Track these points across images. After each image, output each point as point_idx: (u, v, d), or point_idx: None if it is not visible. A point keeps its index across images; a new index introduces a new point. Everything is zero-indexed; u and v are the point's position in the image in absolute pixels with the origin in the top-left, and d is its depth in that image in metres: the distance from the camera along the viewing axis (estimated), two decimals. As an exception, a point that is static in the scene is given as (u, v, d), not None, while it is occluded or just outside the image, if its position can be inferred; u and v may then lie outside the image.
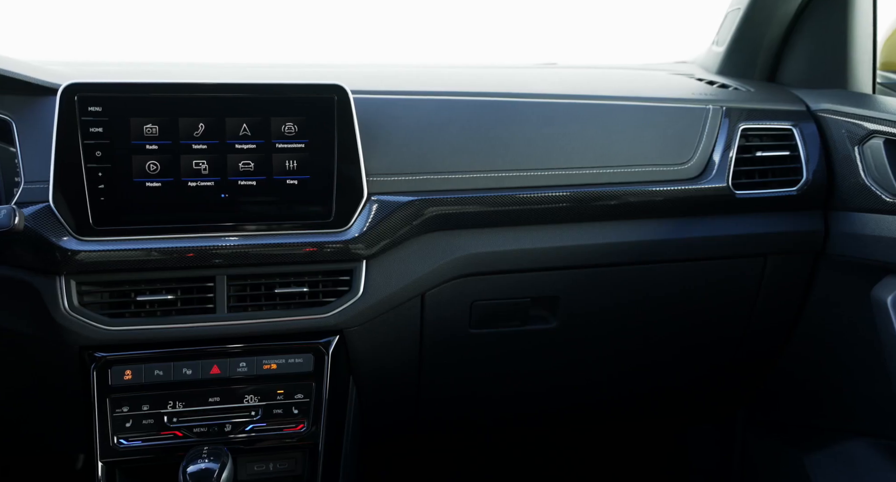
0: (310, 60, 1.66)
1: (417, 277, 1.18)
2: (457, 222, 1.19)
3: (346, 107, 1.11)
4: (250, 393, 1.12)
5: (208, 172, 1.08)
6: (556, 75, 1.56)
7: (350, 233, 1.11)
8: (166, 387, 1.09)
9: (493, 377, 1.41)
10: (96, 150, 1.04)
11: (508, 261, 1.24)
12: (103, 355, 1.08)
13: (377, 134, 1.17)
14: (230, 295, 1.10)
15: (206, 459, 1.03)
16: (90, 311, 1.05)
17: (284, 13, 1.94)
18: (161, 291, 1.08)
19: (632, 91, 1.38)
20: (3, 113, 1.08)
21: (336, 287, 1.14)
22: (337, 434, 1.18)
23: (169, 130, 1.07)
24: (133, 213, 1.06)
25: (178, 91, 1.07)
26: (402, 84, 1.31)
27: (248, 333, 1.12)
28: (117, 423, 1.08)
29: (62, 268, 1.03)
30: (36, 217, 1.02)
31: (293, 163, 1.11)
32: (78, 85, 1.04)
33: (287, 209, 1.10)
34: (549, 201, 1.22)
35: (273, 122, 1.10)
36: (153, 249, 1.05)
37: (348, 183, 1.11)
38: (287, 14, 1.93)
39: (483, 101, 1.26)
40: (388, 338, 1.22)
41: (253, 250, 1.08)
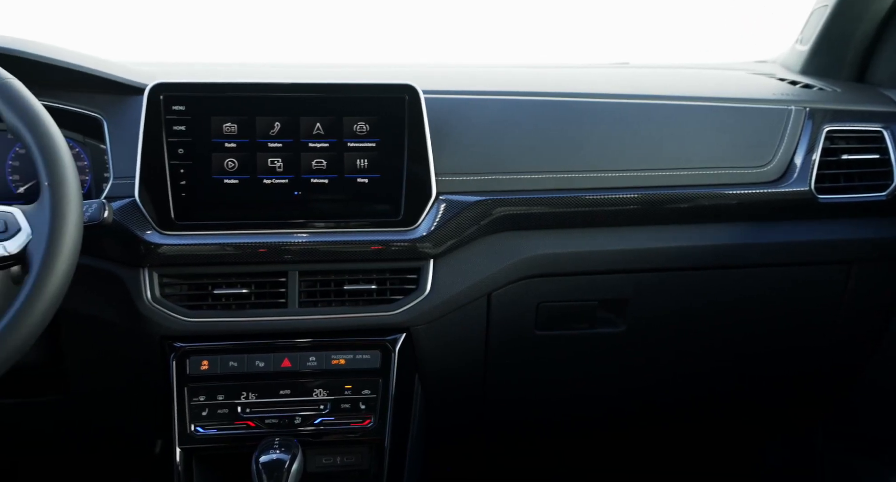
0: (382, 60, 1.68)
1: (484, 277, 1.18)
2: (525, 223, 1.19)
3: (417, 106, 1.12)
4: (319, 387, 1.14)
5: (283, 170, 1.11)
6: (628, 75, 1.53)
7: (418, 231, 1.12)
8: (240, 378, 1.13)
9: (559, 379, 1.40)
10: (179, 147, 1.09)
11: (576, 262, 1.22)
12: (182, 345, 1.12)
13: (447, 133, 1.18)
14: (301, 290, 1.13)
15: (277, 450, 1.05)
16: (171, 303, 1.10)
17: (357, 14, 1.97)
18: (236, 285, 1.11)
19: (708, 91, 1.34)
20: (95, 111, 1.13)
21: (403, 285, 1.15)
22: (403, 431, 1.20)
23: (247, 129, 1.10)
24: (211, 209, 1.10)
25: (256, 91, 1.10)
26: (473, 84, 1.32)
27: (318, 328, 1.14)
28: (194, 412, 1.12)
29: (146, 260, 1.08)
30: (123, 211, 1.06)
31: (364, 161, 1.12)
32: (163, 85, 1.08)
33: (357, 207, 1.12)
34: (619, 203, 1.20)
35: (345, 122, 1.12)
36: (227, 244, 1.09)
37: (417, 182, 1.12)
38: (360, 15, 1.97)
39: (554, 102, 1.25)
40: (454, 337, 1.22)
41: (322, 247, 1.11)
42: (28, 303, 0.81)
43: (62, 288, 0.85)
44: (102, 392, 1.23)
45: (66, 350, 1.14)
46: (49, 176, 0.86)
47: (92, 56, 1.17)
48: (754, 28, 2.01)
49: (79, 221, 0.87)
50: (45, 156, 0.86)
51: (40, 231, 0.85)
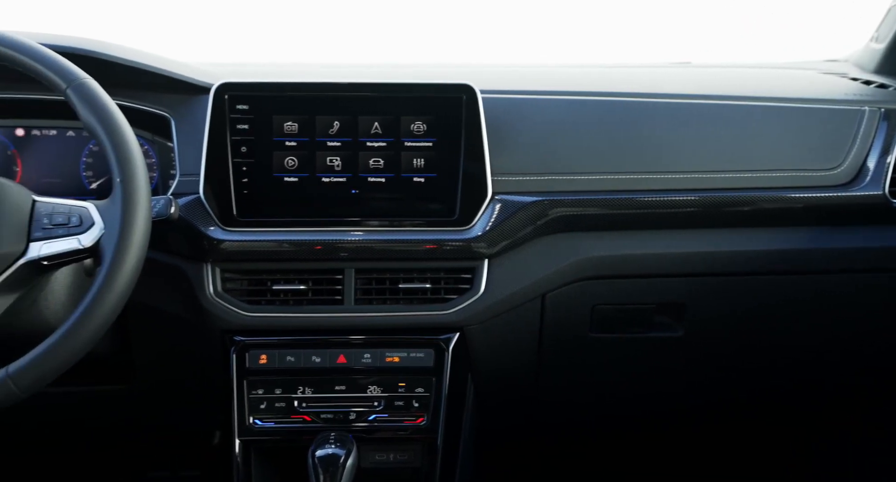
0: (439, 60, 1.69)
1: (539, 278, 1.17)
2: (581, 224, 1.17)
3: (474, 106, 1.12)
4: (373, 384, 1.16)
5: (341, 169, 1.13)
6: (690, 75, 1.50)
7: (473, 231, 1.12)
8: (297, 373, 1.15)
9: (612, 381, 1.38)
10: (242, 145, 1.11)
11: (633, 265, 1.21)
12: (242, 339, 1.15)
13: (504, 133, 1.17)
14: (357, 288, 1.14)
15: (333, 445, 1.07)
16: (231, 297, 1.12)
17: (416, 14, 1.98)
18: (294, 281, 1.13)
19: (774, 91, 1.31)
20: (163, 110, 1.17)
21: (457, 284, 1.15)
22: (455, 430, 1.20)
23: (307, 128, 1.12)
24: (271, 206, 1.12)
25: (316, 90, 1.12)
26: (531, 84, 1.31)
27: (373, 326, 1.15)
28: (253, 404, 1.14)
29: (209, 255, 1.11)
30: (188, 207, 1.10)
31: (420, 161, 1.13)
32: (229, 84, 1.11)
33: (412, 206, 1.13)
34: (679, 205, 1.18)
35: (402, 121, 1.13)
36: (285, 241, 1.11)
37: (473, 182, 1.12)
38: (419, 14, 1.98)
39: (613, 102, 1.24)
40: (508, 337, 1.22)
41: (376, 245, 1.12)
42: (100, 294, 0.85)
43: (132, 280, 0.88)
44: (166, 383, 1.27)
45: (134, 341, 1.18)
46: (121, 173, 0.89)
47: (161, 56, 1.21)
48: (825, 26, 1.94)
49: (148, 217, 0.91)
50: (117, 153, 0.90)
51: (112, 225, 0.88)
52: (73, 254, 0.90)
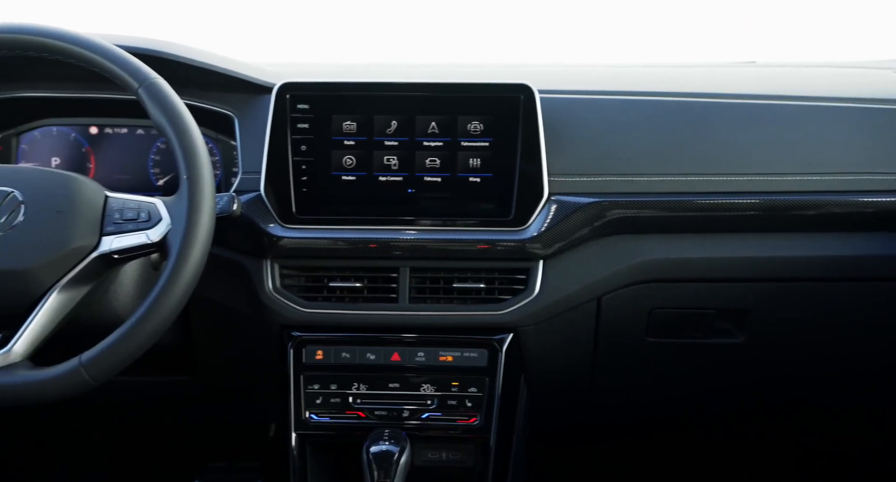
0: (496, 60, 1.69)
1: (595, 280, 1.16)
2: (640, 226, 1.16)
3: (532, 106, 1.12)
4: (427, 382, 1.16)
5: (397, 168, 1.14)
6: (755, 74, 1.46)
7: (528, 232, 1.12)
8: (352, 370, 1.16)
9: (669, 386, 1.36)
10: (302, 144, 1.13)
11: (693, 269, 1.18)
12: (299, 335, 1.17)
13: (561, 134, 1.16)
14: (412, 286, 1.15)
15: (387, 442, 1.08)
16: (289, 293, 1.14)
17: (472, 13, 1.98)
18: (350, 279, 1.15)
19: (844, 91, 1.26)
20: (227, 109, 1.20)
21: (512, 285, 1.14)
22: (508, 430, 1.19)
23: (365, 127, 1.13)
24: (329, 204, 1.14)
25: (376, 90, 1.13)
26: (590, 83, 1.29)
27: (427, 324, 1.16)
28: (309, 399, 1.16)
29: (268, 252, 1.13)
30: (249, 204, 1.12)
31: (476, 161, 1.13)
32: (290, 84, 1.13)
33: (468, 206, 1.13)
34: (742, 208, 1.15)
35: (459, 121, 1.13)
36: (340, 239, 1.12)
37: (529, 182, 1.12)
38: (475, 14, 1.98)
39: (674, 102, 1.21)
40: (562, 339, 1.21)
41: (431, 244, 1.12)
42: (167, 287, 0.87)
43: (196, 275, 0.90)
44: (225, 375, 1.30)
45: (196, 334, 1.22)
46: (188, 170, 0.92)
47: (225, 57, 1.24)
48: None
49: (212, 214, 0.93)
50: (185, 151, 0.92)
51: (178, 221, 0.91)
52: (142, 249, 0.93)
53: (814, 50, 1.89)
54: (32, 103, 1.23)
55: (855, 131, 1.18)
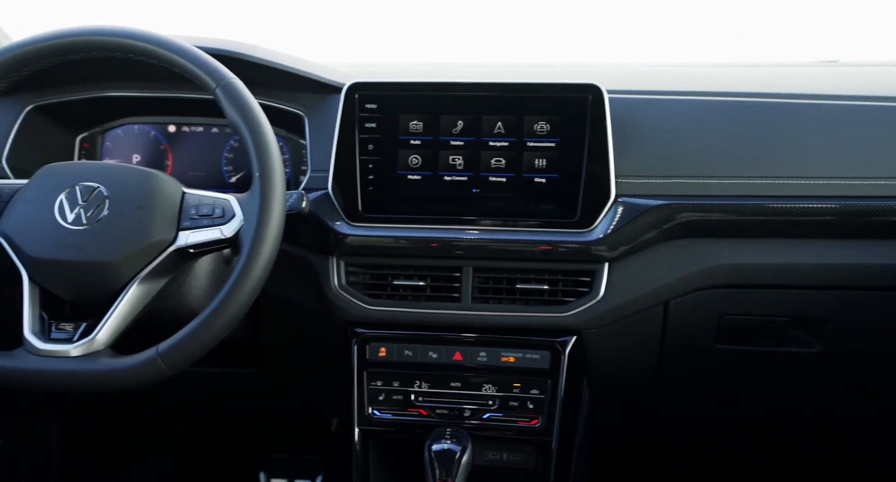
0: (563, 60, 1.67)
1: (662, 284, 1.13)
2: (710, 230, 1.12)
3: (600, 107, 1.10)
4: (488, 383, 1.16)
5: (463, 167, 1.14)
6: (837, 74, 1.40)
7: (594, 234, 1.10)
8: (414, 368, 1.17)
9: (738, 394, 1.32)
10: (369, 143, 1.15)
11: (766, 275, 1.14)
12: (363, 331, 1.18)
13: (630, 135, 1.14)
14: (474, 286, 1.15)
15: (449, 440, 1.09)
16: (354, 290, 1.16)
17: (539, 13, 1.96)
18: (414, 277, 1.15)
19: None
20: (298, 108, 1.23)
21: (576, 287, 1.13)
22: (570, 433, 1.18)
23: (431, 127, 1.14)
24: (394, 203, 1.15)
25: (443, 90, 1.14)
26: (660, 83, 1.27)
27: (489, 324, 1.15)
28: (372, 395, 1.18)
29: (334, 249, 1.15)
30: (317, 202, 1.14)
31: (542, 161, 1.12)
32: (359, 84, 1.15)
33: (533, 207, 1.12)
34: (819, 213, 1.11)
35: (526, 121, 1.12)
36: (401, 237, 1.13)
37: (596, 183, 1.10)
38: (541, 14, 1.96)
39: (750, 103, 1.18)
40: (627, 343, 1.19)
41: (494, 244, 1.12)
42: (239, 281, 0.90)
43: (267, 270, 0.93)
44: (291, 369, 1.33)
45: (264, 328, 1.25)
46: (260, 168, 0.94)
47: (297, 57, 1.27)
48: None
49: (283, 211, 0.95)
50: (258, 150, 0.95)
51: (251, 218, 0.93)
52: (216, 244, 0.96)
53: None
54: (116, 102, 1.29)
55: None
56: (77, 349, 0.90)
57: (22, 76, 0.99)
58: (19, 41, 0.98)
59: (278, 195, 0.94)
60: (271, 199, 0.93)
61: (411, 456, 1.15)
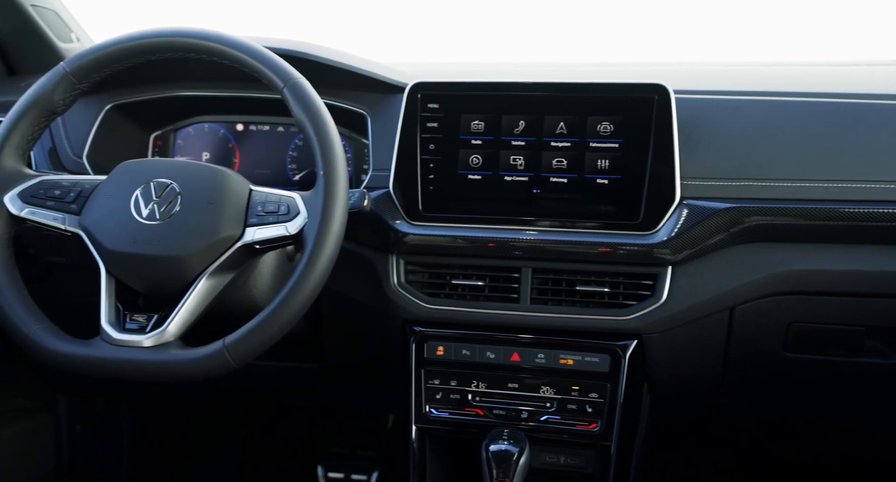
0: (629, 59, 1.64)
1: (728, 290, 1.10)
2: (780, 234, 1.09)
3: (666, 107, 1.08)
4: (546, 384, 1.15)
5: (523, 168, 1.13)
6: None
7: (657, 236, 1.08)
8: (471, 367, 1.17)
9: (804, 404, 1.27)
10: (430, 143, 1.16)
11: (839, 282, 1.10)
12: (421, 330, 1.19)
13: (697, 136, 1.12)
14: (533, 287, 1.14)
15: (506, 441, 1.08)
16: (413, 289, 1.17)
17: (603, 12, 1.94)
18: (472, 277, 1.16)
19: None
20: (361, 108, 1.24)
21: (638, 290, 1.11)
22: (629, 438, 1.17)
23: (493, 127, 1.14)
24: (454, 203, 1.15)
25: (506, 90, 1.13)
26: (729, 83, 1.24)
27: (548, 326, 1.15)
28: (429, 394, 1.18)
29: (394, 247, 1.16)
30: (378, 201, 1.15)
31: (605, 162, 1.11)
32: (422, 84, 1.15)
33: (594, 208, 1.11)
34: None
35: (589, 121, 1.11)
36: (458, 237, 1.13)
37: (660, 185, 1.08)
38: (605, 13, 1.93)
39: (824, 103, 1.14)
40: (690, 349, 1.16)
41: (549, 245, 1.11)
42: (303, 277, 0.92)
43: (329, 267, 0.94)
44: (350, 365, 1.34)
45: (324, 324, 1.27)
46: (325, 166, 0.96)
47: (360, 57, 1.28)
48: None
49: (345, 209, 0.96)
50: (323, 148, 0.96)
51: (314, 215, 0.95)
52: (281, 240, 0.97)
53: None
54: (188, 102, 1.33)
55: None
56: (149, 340, 0.93)
57: (103, 76, 1.03)
58: (103, 43, 1.02)
59: (341, 193, 0.95)
60: (335, 198, 0.95)
61: (467, 455, 1.15)
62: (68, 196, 1.00)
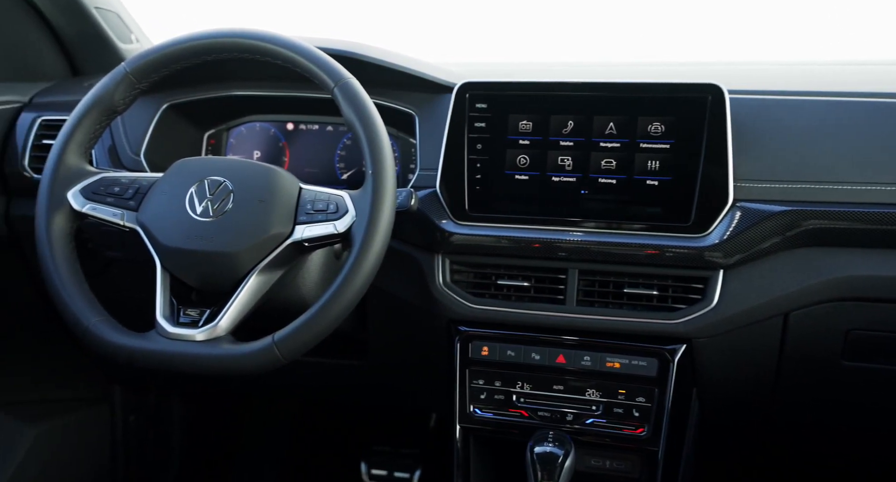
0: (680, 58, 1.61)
1: (782, 295, 1.07)
2: (839, 238, 1.06)
3: (720, 107, 1.06)
4: (592, 387, 1.14)
5: (571, 168, 1.12)
6: None
7: (709, 239, 1.06)
8: (516, 368, 1.17)
9: (862, 415, 1.23)
10: (478, 142, 1.15)
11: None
12: (466, 330, 1.19)
13: (751, 137, 1.09)
14: (580, 288, 1.13)
15: (551, 443, 1.08)
16: (458, 288, 1.17)
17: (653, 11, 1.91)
18: (518, 278, 1.15)
19: None
20: (410, 108, 1.25)
21: (687, 294, 1.09)
22: (678, 444, 1.15)
23: (541, 127, 1.13)
24: (500, 203, 1.14)
25: (556, 90, 1.12)
26: (785, 83, 1.20)
27: (594, 328, 1.13)
28: (473, 394, 1.18)
29: (440, 247, 1.16)
30: (425, 200, 1.16)
31: (655, 163, 1.09)
32: (471, 84, 1.15)
33: (643, 210, 1.10)
34: None
35: (639, 122, 1.09)
36: (503, 237, 1.13)
37: (713, 187, 1.06)
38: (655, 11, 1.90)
39: (885, 103, 1.10)
40: (741, 355, 1.13)
41: (595, 247, 1.10)
42: (350, 275, 0.92)
43: (377, 265, 0.95)
44: (394, 364, 1.35)
45: (369, 322, 1.28)
46: (373, 165, 0.96)
47: (409, 57, 1.29)
48: None
49: (393, 208, 0.97)
50: (372, 148, 0.97)
51: (362, 214, 0.96)
52: (329, 238, 0.99)
53: None
54: (241, 101, 1.36)
55: None
56: (202, 334, 0.95)
57: (161, 76, 1.06)
58: (161, 44, 1.05)
59: (389, 193, 0.96)
60: (383, 197, 0.95)
61: (511, 456, 1.15)
62: (127, 192, 1.04)
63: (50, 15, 1.51)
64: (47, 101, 1.39)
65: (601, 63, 1.53)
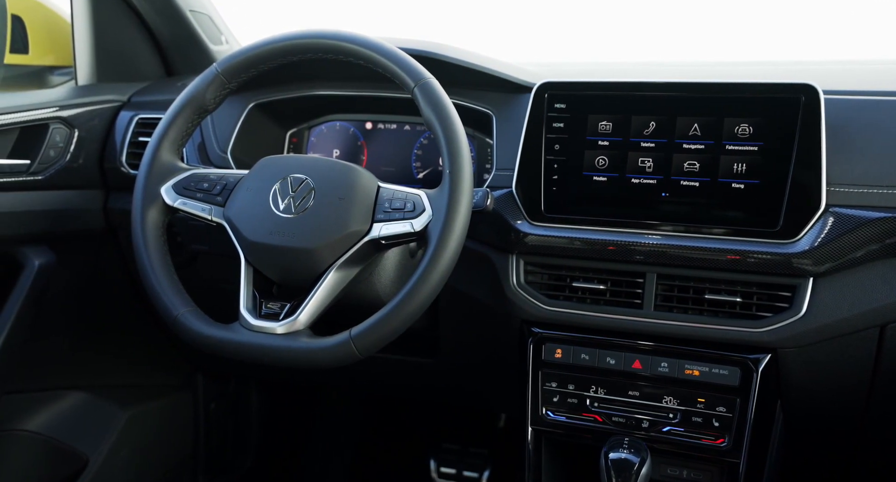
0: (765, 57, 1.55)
1: (879, 306, 1.02)
2: None
3: (815, 108, 1.01)
4: (669, 395, 1.11)
5: (652, 170, 1.10)
6: None
7: (798, 245, 1.01)
8: (590, 372, 1.15)
9: None
10: (555, 143, 1.14)
11: None
12: (540, 331, 1.18)
13: (848, 139, 1.04)
14: (658, 293, 1.10)
15: (627, 450, 1.05)
16: (532, 290, 1.16)
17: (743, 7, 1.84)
18: (594, 280, 1.13)
19: None
20: (487, 107, 1.25)
21: (773, 302, 1.05)
22: (760, 457, 1.10)
23: (621, 128, 1.11)
24: (577, 204, 1.13)
25: (635, 90, 1.10)
26: (881, 83, 1.14)
27: (672, 334, 1.10)
28: (546, 396, 1.17)
29: (514, 247, 1.16)
30: (500, 200, 1.15)
31: (742, 166, 1.05)
32: (550, 84, 1.14)
33: (726, 213, 1.06)
34: None
35: (726, 123, 1.06)
36: (576, 238, 1.11)
37: (804, 191, 1.01)
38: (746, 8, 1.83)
39: None
40: (831, 368, 1.08)
41: (673, 251, 1.07)
42: (426, 273, 0.93)
43: (452, 264, 0.95)
44: (465, 363, 1.35)
45: (441, 321, 1.28)
46: (451, 165, 0.97)
47: (487, 57, 1.29)
48: None
49: (469, 207, 0.97)
50: (450, 147, 0.97)
51: (439, 213, 0.96)
52: (406, 237, 0.99)
53: None
54: (322, 101, 1.39)
55: None
56: (282, 327, 0.98)
57: (250, 76, 1.10)
58: (250, 45, 1.08)
59: (466, 192, 0.96)
60: (460, 196, 0.95)
61: (584, 460, 1.13)
62: (215, 188, 1.07)
63: (150, 19, 1.59)
64: (144, 100, 1.46)
65: (681, 62, 1.49)
